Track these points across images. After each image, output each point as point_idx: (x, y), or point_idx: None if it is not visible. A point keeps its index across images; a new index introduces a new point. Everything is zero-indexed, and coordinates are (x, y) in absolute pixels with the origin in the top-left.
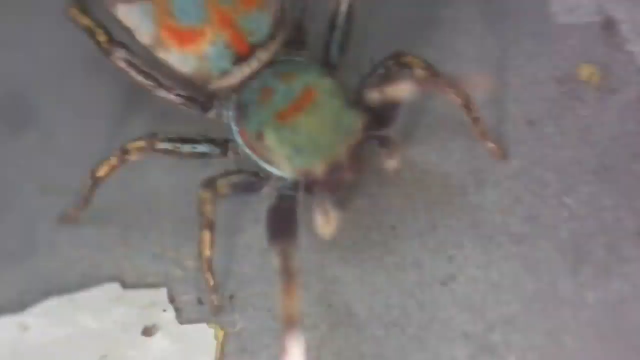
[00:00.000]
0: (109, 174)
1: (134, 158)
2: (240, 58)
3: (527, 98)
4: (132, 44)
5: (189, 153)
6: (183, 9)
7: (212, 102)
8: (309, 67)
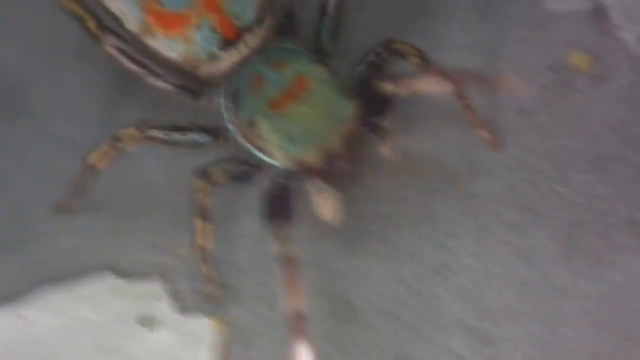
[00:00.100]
0: (104, 163)
1: (127, 146)
2: (228, 42)
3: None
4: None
5: (181, 141)
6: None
7: (203, 89)
8: (301, 54)
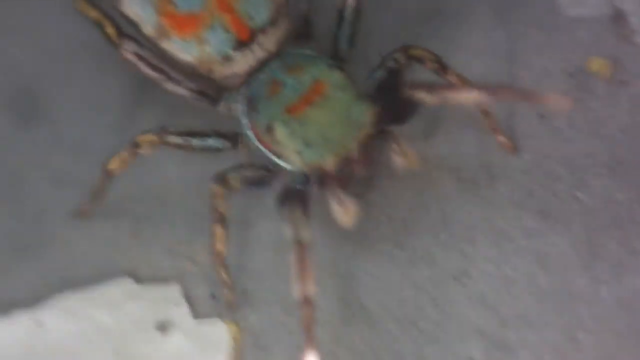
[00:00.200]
0: (122, 168)
1: (145, 152)
2: (242, 43)
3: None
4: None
5: (199, 146)
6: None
7: (221, 95)
8: (318, 60)
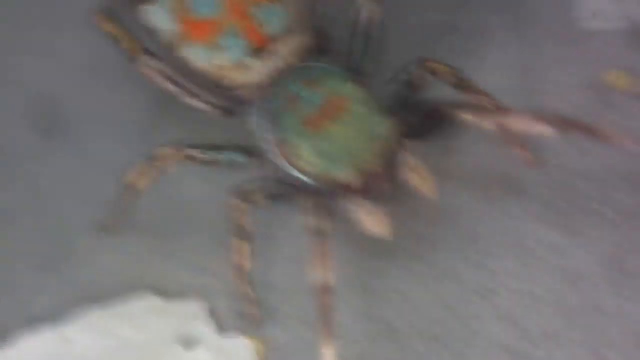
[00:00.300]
0: (144, 183)
1: (165, 165)
2: (255, 50)
3: (553, 104)
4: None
5: (218, 160)
6: (200, 4)
7: (239, 108)
8: (335, 73)
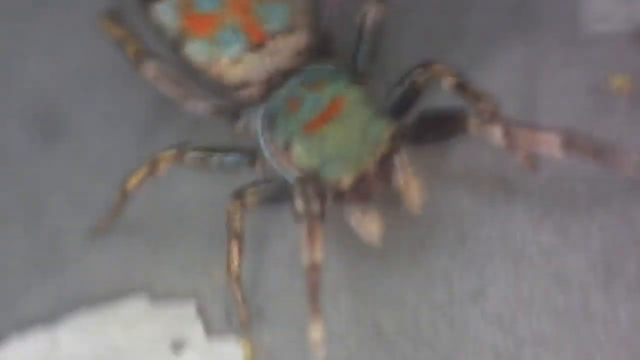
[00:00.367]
0: (140, 186)
1: (164, 169)
2: (253, 45)
3: (558, 108)
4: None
5: (217, 164)
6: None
7: (240, 112)
8: (337, 76)
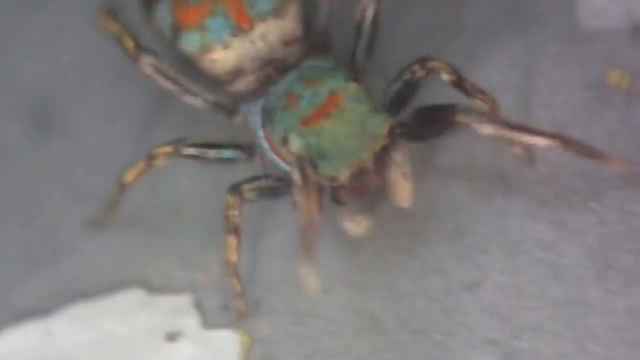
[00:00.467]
0: (136, 180)
1: (161, 163)
2: (240, 29)
3: (555, 103)
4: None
5: (215, 158)
6: None
7: (237, 107)
8: (335, 72)
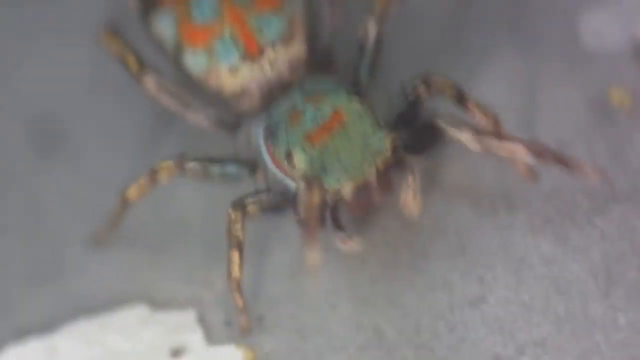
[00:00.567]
0: (140, 196)
1: (163, 179)
2: (249, 55)
3: (557, 122)
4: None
5: (218, 174)
6: (200, 9)
7: (241, 123)
8: (338, 89)
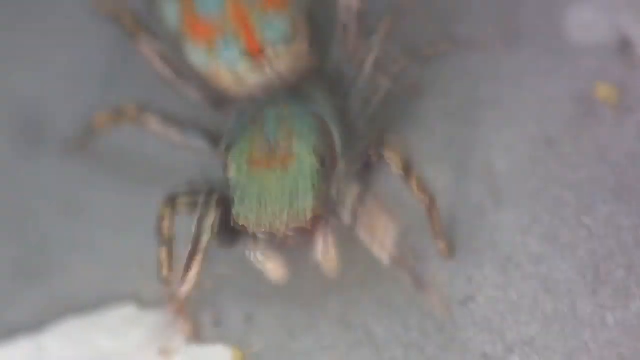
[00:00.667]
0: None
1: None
2: (249, 54)
3: (544, 117)
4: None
5: (176, 138)
6: (204, 3)
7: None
8: (310, 133)
